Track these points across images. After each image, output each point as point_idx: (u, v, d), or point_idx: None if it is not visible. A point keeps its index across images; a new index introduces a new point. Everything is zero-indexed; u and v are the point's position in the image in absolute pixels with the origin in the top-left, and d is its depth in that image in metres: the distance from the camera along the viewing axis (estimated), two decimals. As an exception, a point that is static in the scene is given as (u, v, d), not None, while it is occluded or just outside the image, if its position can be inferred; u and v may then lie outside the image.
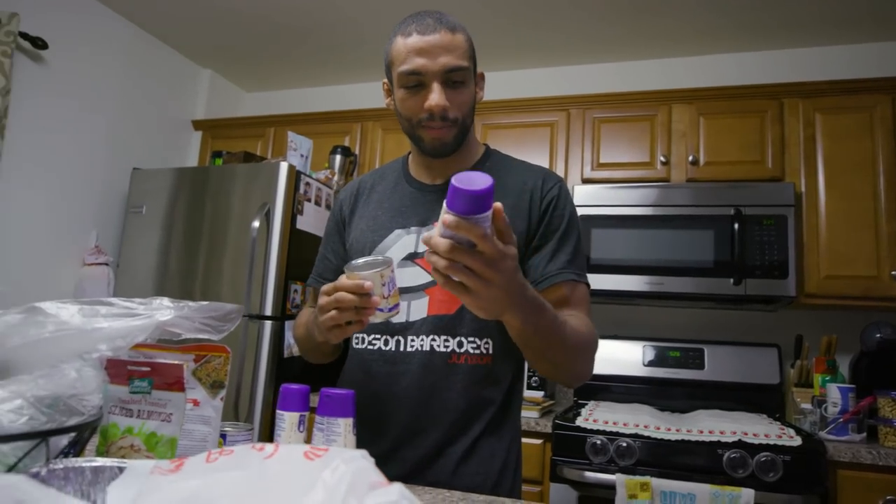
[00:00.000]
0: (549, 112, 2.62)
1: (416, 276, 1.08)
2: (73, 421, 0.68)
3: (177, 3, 2.68)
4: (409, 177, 1.19)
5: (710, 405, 2.31)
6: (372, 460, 0.57)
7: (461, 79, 1.03)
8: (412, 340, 1.07)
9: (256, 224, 2.28)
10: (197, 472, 0.55)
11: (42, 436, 0.59)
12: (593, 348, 1.04)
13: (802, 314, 2.44)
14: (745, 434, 1.82)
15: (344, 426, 0.86)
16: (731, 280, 2.19)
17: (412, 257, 1.09)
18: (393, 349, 1.08)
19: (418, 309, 1.07)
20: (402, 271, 1.09)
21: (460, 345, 1.05)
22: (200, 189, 2.50)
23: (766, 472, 1.74)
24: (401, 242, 1.11)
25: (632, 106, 2.52)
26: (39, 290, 2.45)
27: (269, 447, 0.58)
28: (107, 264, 2.64)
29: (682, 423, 1.97)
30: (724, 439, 1.80)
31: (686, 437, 1.82)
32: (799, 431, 1.90)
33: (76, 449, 0.69)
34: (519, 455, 1.14)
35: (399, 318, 1.08)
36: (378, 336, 1.10)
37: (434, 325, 1.06)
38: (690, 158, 2.40)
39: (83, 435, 0.68)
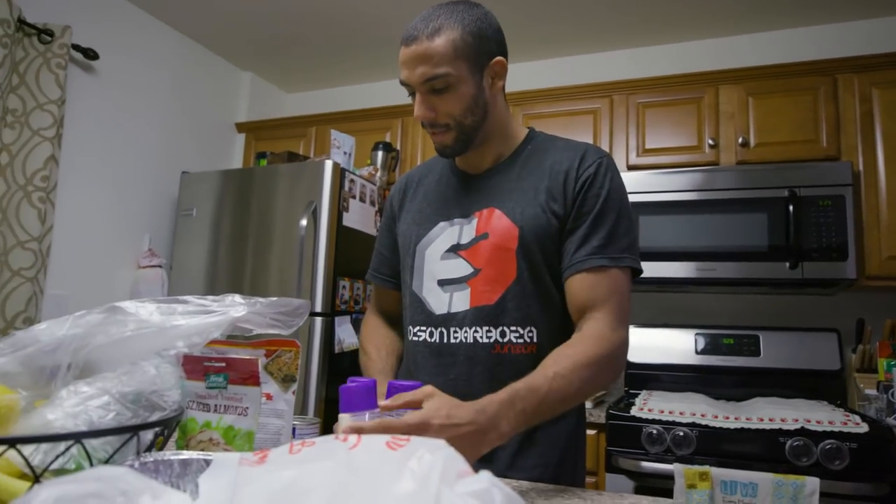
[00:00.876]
0: (591, 99, 2.58)
1: (458, 267, 1.09)
2: (155, 416, 0.70)
3: (217, 10, 2.73)
4: (454, 167, 1.19)
5: (766, 393, 2.25)
6: (453, 448, 0.58)
7: (442, 85, 1.00)
8: (455, 332, 1.07)
9: (304, 222, 2.31)
10: (285, 463, 0.56)
11: (133, 430, 0.61)
12: (607, 359, 0.98)
13: (863, 297, 2.36)
14: (808, 421, 1.77)
15: None
16: (787, 264, 2.12)
17: (455, 249, 1.10)
18: (437, 341, 1.09)
19: (461, 300, 1.07)
20: (444, 263, 1.10)
21: (503, 335, 1.05)
22: (247, 190, 2.55)
23: (831, 460, 1.69)
24: (444, 235, 1.12)
25: (676, 89, 2.46)
26: (97, 294, 2.53)
27: (351, 438, 0.58)
28: (160, 266, 2.72)
29: (740, 411, 1.93)
30: (785, 427, 1.75)
31: (745, 426, 1.78)
32: (864, 418, 1.83)
33: (155, 444, 0.71)
34: (581, 444, 1.12)
35: (441, 310, 1.09)
36: (423, 328, 1.11)
37: (476, 316, 1.06)
38: (740, 140, 2.33)
39: (167, 429, 0.70)
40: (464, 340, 1.06)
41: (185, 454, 0.63)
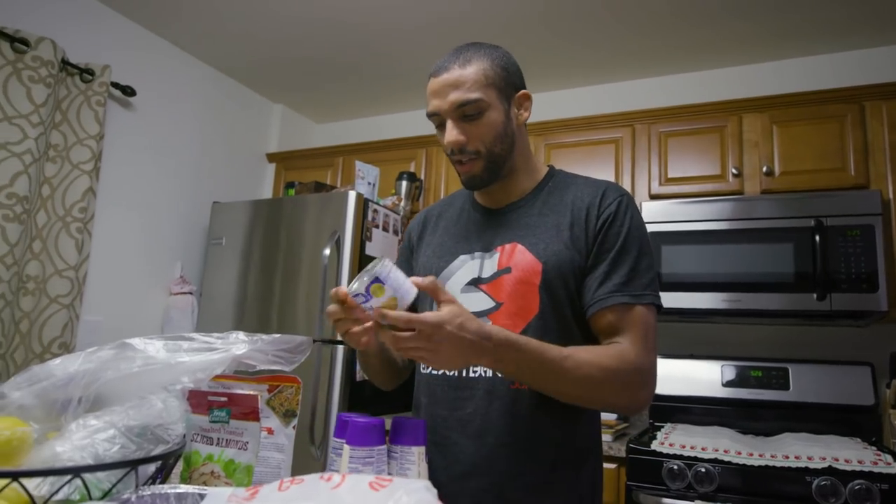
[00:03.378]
0: (612, 129, 2.59)
1: (479, 301, 1.08)
2: (159, 449, 0.73)
3: (250, 46, 2.84)
4: (475, 202, 1.20)
5: (797, 428, 2.19)
6: (435, 491, 0.59)
7: (474, 111, 1.03)
8: (473, 366, 1.06)
9: (327, 252, 2.36)
10: (273, 501, 0.58)
11: (132, 464, 0.64)
12: (623, 377, 0.97)
13: (897, 329, 2.28)
14: (836, 460, 1.71)
15: (417, 454, 0.87)
16: (815, 295, 2.07)
17: (476, 282, 1.10)
18: (455, 374, 1.08)
19: None
20: (466, 297, 1.10)
21: None
22: (275, 219, 2.62)
23: (860, 502, 1.62)
24: (465, 268, 1.12)
25: (699, 118, 2.45)
26: (131, 319, 2.62)
27: (336, 477, 0.60)
28: (191, 293, 2.80)
29: (767, 447, 1.88)
30: (812, 465, 1.70)
31: (770, 463, 1.73)
32: (897, 457, 1.77)
33: (162, 474, 0.74)
34: (598, 484, 1.11)
35: None
36: None
37: None
38: (764, 169, 2.30)
39: (169, 462, 0.73)
40: (483, 374, 1.05)
41: (182, 488, 0.66)
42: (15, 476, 0.56)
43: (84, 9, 2.47)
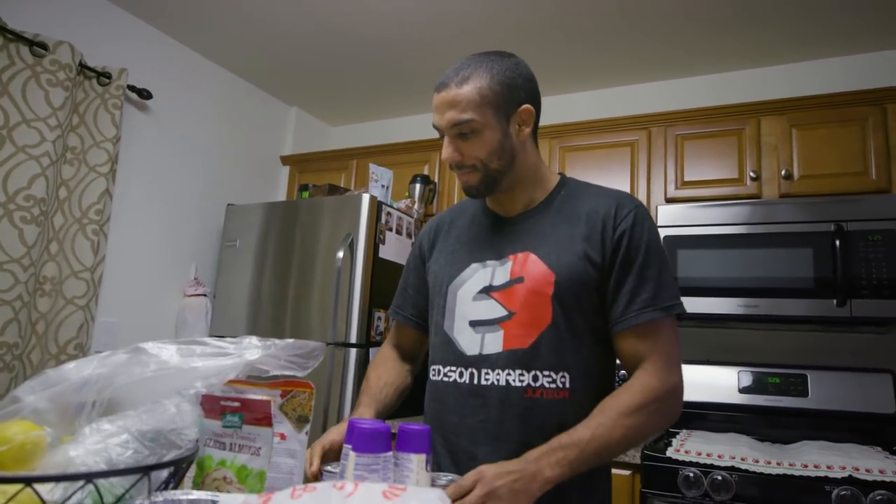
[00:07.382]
0: (628, 131, 2.57)
1: (490, 309, 1.09)
2: (171, 454, 0.73)
3: (264, 49, 2.85)
4: (486, 210, 1.21)
5: (815, 436, 2.15)
6: (448, 501, 0.58)
7: (468, 130, 1.05)
8: (486, 374, 1.07)
9: (341, 254, 2.36)
10: (283, 510, 0.57)
11: (144, 470, 0.64)
12: (653, 410, 1.00)
13: (920, 336, 2.24)
14: (857, 469, 1.68)
15: (417, 462, 0.86)
16: (835, 301, 2.04)
17: (487, 290, 1.10)
18: (468, 381, 1.09)
19: (493, 342, 1.07)
20: (476, 304, 1.10)
21: (535, 379, 1.04)
22: (289, 222, 2.63)
23: (883, 512, 1.59)
24: (476, 276, 1.13)
25: (716, 121, 2.42)
26: (145, 321, 2.64)
27: (349, 486, 0.59)
28: (205, 295, 2.81)
29: (785, 455, 1.85)
30: (832, 475, 1.66)
31: (789, 472, 1.70)
32: (920, 467, 1.73)
33: (176, 479, 0.74)
34: (608, 493, 1.10)
35: (473, 351, 1.09)
36: (453, 368, 1.11)
37: (509, 359, 1.06)
38: (783, 173, 2.27)
39: (181, 467, 0.72)
40: (496, 383, 1.06)
41: (195, 494, 0.65)
42: (28, 481, 0.55)
43: (101, 13, 2.49)
